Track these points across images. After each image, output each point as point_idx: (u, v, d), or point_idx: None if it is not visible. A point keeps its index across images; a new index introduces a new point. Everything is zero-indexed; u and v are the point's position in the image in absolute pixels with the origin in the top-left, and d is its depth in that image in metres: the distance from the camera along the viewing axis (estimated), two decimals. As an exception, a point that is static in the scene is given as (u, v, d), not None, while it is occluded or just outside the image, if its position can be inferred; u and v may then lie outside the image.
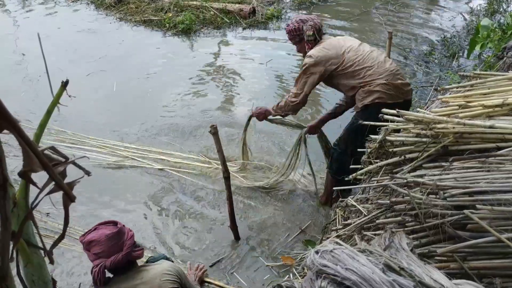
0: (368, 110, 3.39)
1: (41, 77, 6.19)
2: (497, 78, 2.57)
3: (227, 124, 5.37)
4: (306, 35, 3.64)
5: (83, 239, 2.24)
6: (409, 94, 3.56)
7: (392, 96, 3.41)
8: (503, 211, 1.71)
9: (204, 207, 4.14)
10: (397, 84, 3.43)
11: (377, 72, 3.43)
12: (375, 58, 3.49)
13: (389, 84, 3.40)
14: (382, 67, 3.45)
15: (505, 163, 1.97)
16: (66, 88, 1.44)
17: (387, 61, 3.54)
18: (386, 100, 3.37)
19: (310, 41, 3.65)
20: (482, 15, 8.09)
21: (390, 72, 3.43)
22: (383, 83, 3.40)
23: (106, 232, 2.20)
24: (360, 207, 2.47)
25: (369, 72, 3.44)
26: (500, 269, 1.71)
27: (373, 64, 3.45)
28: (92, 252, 2.20)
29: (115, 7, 9.11)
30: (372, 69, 3.44)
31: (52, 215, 3.92)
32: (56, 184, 0.95)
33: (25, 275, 1.55)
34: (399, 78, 3.48)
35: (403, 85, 3.49)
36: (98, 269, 2.17)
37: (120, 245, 2.21)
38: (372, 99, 3.42)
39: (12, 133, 0.87)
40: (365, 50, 3.54)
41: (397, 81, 3.45)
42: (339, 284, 1.45)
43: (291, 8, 9.18)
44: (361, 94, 3.48)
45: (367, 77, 3.44)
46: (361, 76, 3.46)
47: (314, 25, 3.62)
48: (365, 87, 3.45)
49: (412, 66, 6.67)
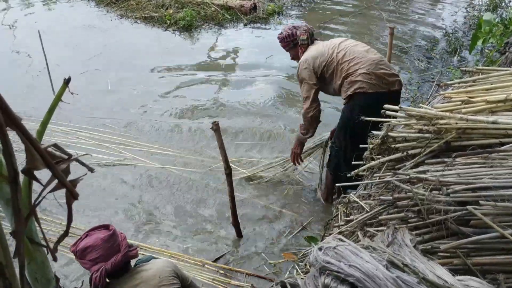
0: (351, 101, 3.49)
1: (41, 72, 6.21)
2: (500, 73, 2.55)
3: (227, 120, 5.36)
4: (300, 39, 3.72)
5: (75, 248, 2.14)
6: (394, 85, 3.52)
7: (373, 85, 3.41)
8: (507, 207, 1.70)
9: (205, 203, 4.14)
10: (378, 73, 3.43)
11: (359, 62, 3.45)
12: (357, 50, 3.53)
13: (370, 74, 3.41)
14: (364, 57, 3.47)
15: (508, 159, 1.96)
16: (68, 85, 1.43)
17: (370, 52, 3.56)
18: (368, 90, 3.40)
19: (304, 45, 3.73)
20: (484, 10, 8.06)
21: (371, 62, 3.44)
22: (364, 72, 3.41)
23: (100, 236, 2.13)
24: (362, 203, 2.46)
25: (351, 64, 3.47)
26: (504, 265, 1.70)
27: (355, 56, 3.48)
28: (87, 259, 2.12)
29: (115, 3, 9.09)
30: (354, 61, 3.47)
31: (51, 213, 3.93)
32: (59, 181, 0.95)
33: (28, 272, 1.55)
34: (381, 68, 3.47)
35: (387, 74, 3.47)
36: (100, 274, 2.09)
37: (116, 247, 2.16)
38: (354, 89, 3.45)
39: (15, 131, 0.86)
40: (348, 45, 3.57)
41: (379, 70, 3.44)
42: (342, 281, 1.45)
43: (292, 4, 9.15)
44: (345, 85, 3.52)
45: (350, 69, 3.47)
46: (345, 70, 3.49)
47: (307, 30, 3.73)
48: (347, 78, 3.49)
49: (413, 62, 6.65)
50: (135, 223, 3.93)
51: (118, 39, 7.70)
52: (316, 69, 3.59)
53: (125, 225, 3.86)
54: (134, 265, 2.44)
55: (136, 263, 2.53)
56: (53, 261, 1.17)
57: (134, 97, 5.97)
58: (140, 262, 2.42)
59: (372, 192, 2.54)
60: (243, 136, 5.07)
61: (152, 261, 2.40)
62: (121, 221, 3.92)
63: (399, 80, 3.58)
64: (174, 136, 5.12)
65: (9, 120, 0.83)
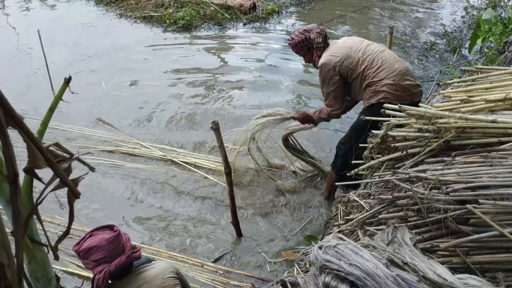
0: (373, 109, 3.40)
1: (39, 69, 6.21)
2: (499, 73, 2.56)
3: (226, 118, 5.36)
4: (316, 42, 3.65)
5: (78, 248, 2.11)
6: (417, 96, 3.51)
7: (398, 96, 3.38)
8: (506, 206, 1.71)
9: (205, 202, 4.14)
10: (404, 85, 3.41)
11: (386, 72, 3.42)
12: (384, 58, 3.48)
13: (396, 85, 3.39)
14: (391, 67, 3.44)
15: (507, 158, 1.97)
16: (68, 84, 1.44)
17: (396, 61, 3.52)
18: (392, 101, 3.33)
19: (319, 48, 3.67)
20: (483, 9, 8.06)
21: (398, 73, 3.42)
22: (390, 83, 3.39)
23: (105, 237, 2.11)
24: (362, 202, 2.47)
25: (378, 72, 3.44)
26: (503, 263, 1.71)
27: (382, 64, 3.45)
28: (91, 259, 2.09)
29: (115, 3, 9.09)
30: (381, 69, 3.44)
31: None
32: (61, 180, 0.95)
33: (29, 272, 1.55)
34: (407, 79, 3.45)
35: (411, 86, 3.45)
36: (103, 275, 2.07)
37: (121, 248, 2.14)
38: (378, 98, 3.43)
39: (17, 130, 0.87)
40: (374, 50, 3.53)
41: (405, 82, 3.42)
42: (342, 280, 1.45)
43: (292, 3, 9.15)
44: (368, 93, 3.50)
45: (375, 77, 3.44)
46: (370, 77, 3.47)
47: (321, 32, 3.65)
48: (372, 87, 3.46)
49: (412, 61, 6.66)
50: (135, 223, 3.93)
51: (117, 39, 7.69)
52: (342, 70, 3.54)
53: (124, 225, 3.87)
54: (135, 266, 2.43)
55: (135, 265, 2.53)
56: (55, 260, 1.18)
57: (132, 98, 5.95)
58: (140, 264, 2.42)
59: (372, 191, 2.55)
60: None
61: (153, 263, 2.40)
62: (119, 221, 3.92)
63: (421, 90, 3.57)
64: (172, 136, 5.12)
65: (11, 119, 0.83)
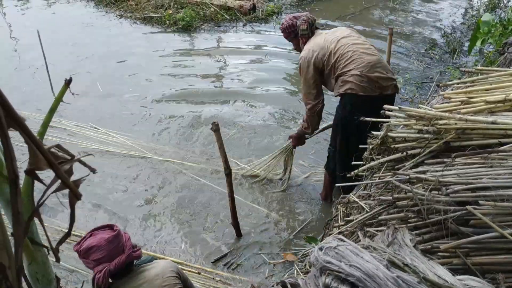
0: (343, 99, 3.46)
1: (38, 69, 6.22)
2: (499, 74, 2.56)
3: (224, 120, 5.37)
4: (300, 29, 3.66)
5: (78, 247, 2.14)
6: (388, 89, 3.41)
7: (364, 88, 3.34)
8: (506, 207, 1.71)
9: (205, 203, 4.14)
10: (372, 77, 3.34)
11: (354, 63, 3.38)
12: (356, 50, 3.43)
13: (362, 76, 3.34)
14: (360, 58, 3.38)
15: (507, 159, 1.97)
16: (69, 86, 1.44)
17: (368, 53, 3.43)
18: (358, 92, 3.34)
19: (305, 35, 3.67)
20: (482, 10, 8.07)
21: (367, 64, 3.35)
22: (356, 74, 3.35)
23: (105, 236, 2.13)
24: (362, 203, 2.47)
25: (347, 63, 3.41)
26: (503, 264, 1.71)
27: (352, 56, 3.41)
28: (91, 258, 2.11)
29: (115, 4, 9.09)
30: (350, 60, 3.41)
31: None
32: (62, 182, 0.95)
33: (29, 273, 1.55)
34: (377, 71, 3.36)
35: (381, 78, 3.36)
36: (103, 274, 2.09)
37: (121, 248, 2.16)
38: (345, 89, 3.41)
39: (18, 131, 0.87)
40: (348, 42, 3.48)
41: (374, 73, 3.34)
42: (343, 281, 1.45)
43: (292, 4, 9.15)
44: (338, 84, 3.49)
45: (344, 68, 3.42)
46: (340, 68, 3.45)
47: (307, 20, 3.65)
48: (341, 77, 3.45)
49: (412, 62, 6.67)
50: (134, 224, 3.93)
51: (116, 40, 7.69)
52: (316, 64, 3.53)
53: (122, 226, 3.87)
54: (136, 265, 2.44)
55: (136, 263, 2.53)
56: (56, 261, 1.17)
57: (129, 100, 5.95)
58: (142, 263, 2.42)
59: (372, 192, 2.55)
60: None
61: (154, 262, 2.40)
62: (118, 221, 3.92)
63: (394, 84, 3.46)
64: (170, 137, 5.12)
65: (12, 121, 0.83)
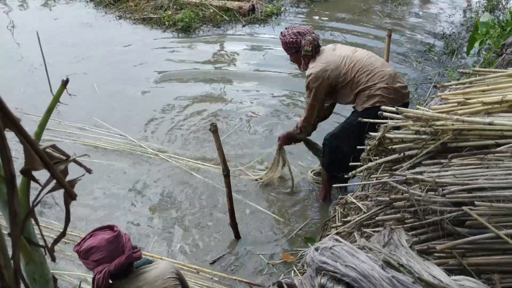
0: (367, 112, 3.41)
1: (36, 68, 6.23)
2: (496, 75, 2.57)
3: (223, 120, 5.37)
4: (304, 50, 3.61)
5: (78, 248, 2.14)
6: (406, 97, 3.59)
7: (392, 99, 3.42)
8: (502, 208, 1.71)
9: (204, 204, 4.14)
10: (396, 87, 3.48)
11: (378, 76, 3.46)
12: (373, 63, 3.53)
13: (389, 88, 3.44)
14: (382, 71, 3.49)
15: (504, 160, 1.97)
16: (66, 87, 1.44)
17: (385, 65, 3.60)
18: (387, 104, 3.32)
19: (307, 56, 3.65)
20: (481, 12, 8.09)
21: (389, 76, 3.47)
22: (383, 87, 3.44)
23: (105, 237, 2.13)
24: (359, 204, 2.47)
25: (370, 77, 3.47)
26: (499, 265, 1.72)
27: (373, 69, 3.49)
28: (91, 259, 2.11)
29: (114, 5, 9.09)
30: (372, 74, 3.48)
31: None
32: (57, 182, 0.96)
33: (27, 273, 1.55)
34: (398, 81, 3.52)
35: (402, 88, 3.53)
36: (103, 275, 2.09)
37: (121, 248, 2.15)
38: (372, 102, 3.46)
39: (14, 132, 0.87)
40: (363, 57, 3.56)
41: (396, 84, 3.49)
42: (338, 281, 1.46)
43: (291, 5, 9.16)
44: (362, 98, 3.52)
45: (369, 82, 3.47)
46: (362, 82, 3.49)
47: (312, 41, 3.60)
48: (365, 91, 3.49)
49: (411, 63, 6.67)
50: (133, 224, 3.93)
51: (115, 41, 7.69)
52: (330, 81, 3.55)
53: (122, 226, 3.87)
54: (135, 267, 2.44)
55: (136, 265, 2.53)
56: (52, 261, 1.18)
57: (128, 100, 5.94)
58: (141, 264, 2.42)
59: (369, 193, 2.56)
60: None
61: (155, 263, 2.41)
62: (117, 222, 3.92)
63: (409, 92, 3.66)
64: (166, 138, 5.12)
65: (8, 121, 0.83)
